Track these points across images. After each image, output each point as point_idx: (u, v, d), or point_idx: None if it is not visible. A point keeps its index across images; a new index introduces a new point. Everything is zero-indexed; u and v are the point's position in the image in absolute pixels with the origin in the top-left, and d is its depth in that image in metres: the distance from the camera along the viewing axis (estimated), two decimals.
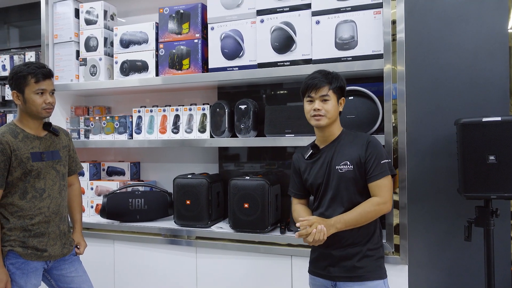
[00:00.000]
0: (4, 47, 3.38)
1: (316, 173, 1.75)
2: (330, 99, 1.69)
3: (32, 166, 1.83)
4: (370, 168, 1.65)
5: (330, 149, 1.74)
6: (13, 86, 1.86)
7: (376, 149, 1.67)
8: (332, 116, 1.70)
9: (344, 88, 1.76)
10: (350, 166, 1.68)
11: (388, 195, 1.66)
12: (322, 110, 1.69)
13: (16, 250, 1.81)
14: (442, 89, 2.30)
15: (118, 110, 3.00)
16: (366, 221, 1.65)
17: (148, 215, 2.53)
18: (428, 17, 2.32)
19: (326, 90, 1.69)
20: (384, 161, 1.66)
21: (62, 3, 2.77)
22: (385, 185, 1.65)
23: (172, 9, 2.48)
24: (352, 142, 1.72)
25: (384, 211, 1.67)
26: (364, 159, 1.67)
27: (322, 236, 1.57)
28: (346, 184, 1.68)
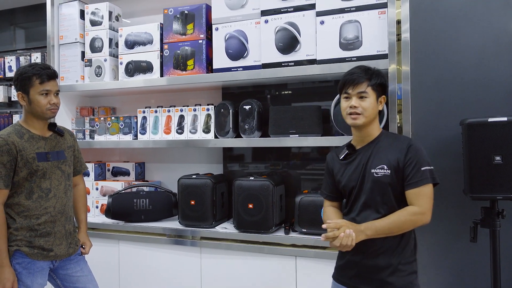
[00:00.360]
0: (10, 48, 3.41)
1: (350, 175, 1.64)
2: (368, 97, 1.58)
3: (38, 166, 1.84)
4: (409, 174, 1.52)
5: (366, 150, 1.62)
6: (18, 87, 1.88)
7: (417, 154, 1.54)
8: (370, 115, 1.59)
9: (385, 86, 1.66)
10: (387, 170, 1.55)
11: (427, 205, 1.52)
12: (359, 107, 1.57)
13: (23, 249, 1.82)
14: (448, 89, 2.28)
15: (123, 111, 3.01)
16: (399, 230, 1.52)
17: (152, 215, 2.53)
18: (433, 17, 2.31)
19: (365, 87, 1.58)
20: (426, 168, 1.52)
21: (68, 5, 2.79)
22: (425, 194, 1.51)
23: (176, 9, 2.49)
24: (392, 145, 1.59)
25: (421, 222, 1.52)
26: (403, 164, 1.54)
27: (350, 241, 1.47)
28: (381, 189, 1.56)
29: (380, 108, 1.64)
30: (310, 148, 2.50)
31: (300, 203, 2.15)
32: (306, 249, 2.10)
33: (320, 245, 2.08)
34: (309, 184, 2.50)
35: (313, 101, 2.48)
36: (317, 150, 2.50)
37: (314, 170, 2.51)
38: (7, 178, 1.79)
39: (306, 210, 2.13)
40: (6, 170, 1.78)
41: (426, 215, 1.52)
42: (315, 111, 2.20)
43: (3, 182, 1.77)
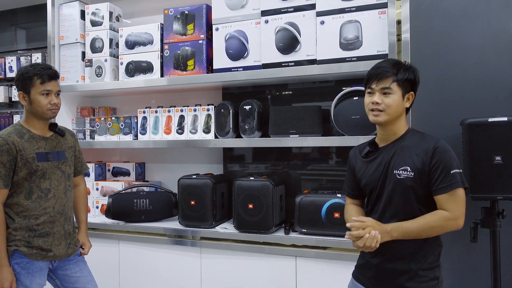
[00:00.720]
0: (11, 48, 3.42)
1: (371, 174, 1.57)
2: (392, 93, 1.49)
3: (38, 166, 1.84)
4: (437, 179, 1.43)
5: (390, 149, 1.54)
6: (20, 87, 1.88)
7: (445, 157, 1.44)
8: (393, 113, 1.50)
9: (414, 81, 1.54)
10: (410, 172, 1.47)
11: (460, 210, 1.43)
12: (381, 104, 1.49)
13: (21, 249, 1.82)
14: (448, 89, 2.28)
15: (123, 111, 3.01)
16: (427, 235, 1.46)
17: (153, 215, 2.54)
18: (433, 17, 2.31)
19: (389, 82, 1.49)
20: (455, 171, 1.43)
21: (68, 5, 2.79)
22: (457, 198, 1.42)
23: (177, 10, 2.49)
24: (417, 145, 1.50)
25: (453, 228, 1.45)
26: (428, 167, 1.45)
27: (375, 243, 1.41)
28: (403, 192, 1.48)
29: (407, 105, 1.54)
30: (310, 148, 2.50)
31: (300, 203, 2.15)
32: (306, 249, 2.10)
33: (320, 246, 2.08)
34: (309, 184, 2.50)
35: (313, 101, 2.48)
36: (317, 150, 2.50)
37: (314, 170, 2.51)
38: (6, 178, 1.79)
39: (306, 210, 2.13)
40: (6, 169, 1.79)
41: (459, 220, 1.44)
42: (315, 111, 2.20)
43: (3, 181, 1.77)
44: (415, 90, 1.56)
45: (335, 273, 2.03)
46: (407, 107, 1.55)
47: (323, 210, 2.08)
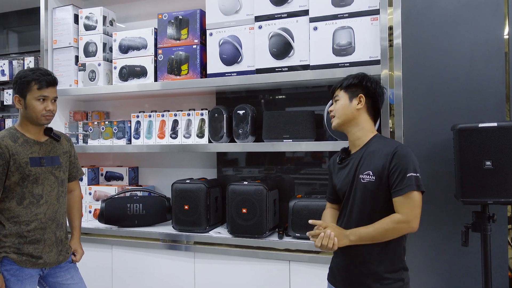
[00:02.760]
0: (3, 52, 3.39)
1: (343, 179, 1.66)
2: (339, 99, 1.68)
3: (30, 171, 1.82)
4: (394, 182, 1.49)
5: (358, 155, 1.62)
6: (16, 90, 1.86)
7: (402, 161, 1.50)
8: (342, 115, 1.65)
9: (359, 85, 1.66)
10: (372, 177, 1.54)
11: (412, 213, 1.48)
12: (333, 110, 1.69)
13: (11, 256, 1.80)
14: (439, 95, 2.31)
15: (117, 115, 3.01)
16: (383, 238, 1.51)
17: (146, 220, 2.53)
18: (425, 23, 2.34)
19: (338, 91, 1.70)
20: (411, 175, 1.48)
21: (62, 9, 2.79)
22: (410, 202, 1.47)
23: (171, 15, 2.50)
24: (379, 149, 1.57)
25: (405, 231, 1.51)
26: (387, 171, 1.51)
27: (331, 243, 1.49)
28: (365, 196, 1.56)
29: (358, 107, 1.64)
30: (303, 152, 2.51)
31: (293, 208, 2.16)
32: (300, 253, 2.11)
33: (314, 250, 2.08)
34: (302, 188, 2.51)
35: (306, 106, 2.50)
36: (310, 155, 2.51)
37: (307, 174, 2.52)
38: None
39: (299, 215, 2.14)
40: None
41: (411, 223, 1.48)
42: (308, 116, 2.22)
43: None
44: (366, 93, 1.66)
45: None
46: (358, 109, 1.64)
47: (316, 215, 2.09)
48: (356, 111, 1.64)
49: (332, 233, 1.51)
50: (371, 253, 1.55)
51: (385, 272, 1.54)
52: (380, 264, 1.54)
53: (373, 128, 1.68)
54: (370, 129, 1.67)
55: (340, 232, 1.54)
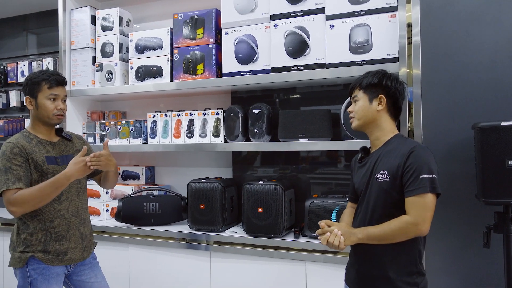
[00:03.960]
0: (23, 53, 3.46)
1: (361, 179, 1.63)
2: (358, 99, 1.62)
3: (48, 169, 1.85)
4: (407, 182, 1.45)
5: (376, 155, 1.59)
6: (27, 91, 1.90)
7: (417, 161, 1.45)
8: (362, 117, 1.60)
9: (379, 85, 1.59)
10: (387, 176, 1.50)
11: (421, 215, 1.42)
12: (352, 112, 1.65)
13: (38, 255, 1.83)
14: (459, 92, 2.26)
15: (133, 115, 3.03)
16: (392, 239, 1.47)
17: (162, 219, 2.54)
18: (444, 20, 2.29)
19: (357, 91, 1.64)
20: (425, 176, 1.42)
21: (79, 10, 2.83)
22: (420, 204, 1.42)
23: (186, 14, 2.51)
24: (396, 149, 1.53)
25: (413, 233, 1.45)
26: (402, 170, 1.47)
27: (337, 241, 1.48)
28: (379, 196, 1.53)
29: (379, 108, 1.59)
30: (319, 152, 2.49)
31: (310, 208, 2.14)
32: (316, 253, 2.09)
33: (330, 250, 2.05)
34: (318, 188, 2.49)
35: (322, 104, 2.48)
36: (326, 154, 2.49)
37: (323, 174, 2.50)
38: (26, 178, 1.79)
39: (316, 215, 2.12)
40: (23, 170, 1.79)
41: (420, 226, 1.42)
42: (325, 115, 2.19)
43: (23, 181, 1.77)
44: (387, 93, 1.59)
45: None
46: (379, 110, 1.59)
47: (333, 215, 2.07)
48: (377, 113, 1.59)
49: (339, 232, 1.50)
50: (382, 255, 1.52)
51: (397, 276, 1.49)
52: (392, 267, 1.50)
53: (393, 127, 1.63)
54: (391, 129, 1.62)
55: (347, 231, 1.52)
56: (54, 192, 1.76)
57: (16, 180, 1.75)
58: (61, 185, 1.75)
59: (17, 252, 1.85)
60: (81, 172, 1.77)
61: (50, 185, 1.74)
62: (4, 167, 1.77)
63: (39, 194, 1.73)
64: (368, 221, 1.56)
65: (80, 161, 1.76)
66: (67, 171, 1.75)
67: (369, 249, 1.54)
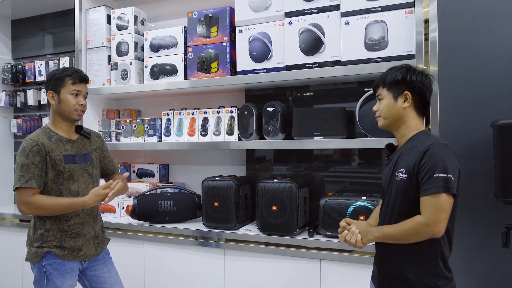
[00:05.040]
0: (39, 53, 3.51)
1: (385, 176, 1.62)
2: (383, 97, 1.58)
3: (65, 168, 1.88)
4: (421, 181, 1.41)
5: (399, 152, 1.57)
6: (50, 86, 1.94)
7: (433, 159, 1.40)
8: (388, 115, 1.56)
9: (403, 81, 1.54)
10: (404, 175, 1.47)
11: (434, 216, 1.38)
12: (378, 110, 1.62)
13: (53, 251, 1.87)
14: (478, 90, 2.22)
15: (148, 113, 3.06)
16: (405, 239, 1.44)
17: (177, 216, 2.56)
18: (462, 16, 2.25)
19: (381, 89, 1.60)
20: (438, 175, 1.38)
21: (95, 10, 2.86)
22: (433, 204, 1.38)
23: (200, 13, 2.51)
24: (417, 146, 1.49)
25: (425, 234, 1.40)
26: (417, 169, 1.44)
27: (354, 238, 1.50)
28: (398, 194, 1.51)
29: (405, 105, 1.54)
30: (332, 150, 2.47)
31: (324, 206, 2.13)
32: (331, 252, 2.08)
33: (345, 249, 2.05)
34: (333, 186, 2.48)
35: (335, 102, 2.46)
36: (339, 152, 2.47)
37: (337, 172, 2.48)
38: (39, 178, 1.83)
39: (331, 213, 2.11)
40: (38, 170, 1.83)
41: (432, 227, 1.38)
42: (339, 113, 2.18)
43: (36, 181, 1.81)
44: (412, 88, 1.54)
45: (360, 276, 1.99)
46: (404, 107, 1.54)
47: (348, 213, 2.06)
48: (403, 110, 1.55)
49: (356, 230, 1.52)
50: (398, 254, 1.50)
51: (414, 277, 1.46)
52: (408, 267, 1.48)
53: (419, 124, 1.58)
54: (416, 126, 1.56)
55: (365, 229, 1.53)
56: (67, 211, 1.86)
57: (30, 179, 1.79)
58: (75, 209, 1.87)
59: (33, 247, 1.89)
60: (98, 202, 1.88)
61: (65, 205, 1.83)
62: (21, 163, 1.81)
63: (54, 208, 1.82)
64: (388, 220, 1.55)
65: (102, 195, 1.84)
66: (86, 200, 1.83)
67: (387, 248, 1.54)
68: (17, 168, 1.82)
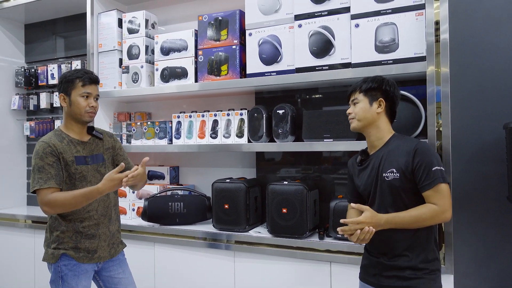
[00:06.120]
0: (52, 56, 3.56)
1: (365, 180, 1.72)
2: (359, 102, 1.71)
3: (76, 169, 1.90)
4: (421, 177, 1.56)
5: (378, 155, 1.68)
6: (61, 89, 1.96)
7: (425, 156, 1.57)
8: (363, 118, 1.69)
9: (378, 89, 1.69)
10: (396, 174, 1.60)
11: (446, 203, 1.55)
12: (352, 113, 1.73)
13: (69, 253, 1.89)
14: (489, 91, 2.20)
15: (158, 116, 3.08)
16: (418, 226, 1.57)
17: (187, 218, 2.58)
18: (474, 17, 2.23)
19: (357, 94, 1.72)
20: (436, 168, 1.55)
21: (106, 14, 2.89)
22: (442, 193, 1.55)
23: (211, 16, 2.53)
24: (399, 147, 1.64)
25: (441, 220, 1.58)
26: (411, 167, 1.58)
27: (368, 236, 1.53)
28: (392, 192, 1.62)
29: (379, 111, 1.68)
30: (341, 152, 2.47)
31: (335, 208, 2.13)
32: (341, 255, 2.07)
33: (355, 251, 2.04)
34: (342, 188, 2.47)
35: (344, 104, 2.43)
36: (348, 154, 2.46)
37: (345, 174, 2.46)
38: (57, 177, 1.85)
39: (341, 216, 2.09)
40: (55, 169, 1.85)
41: (447, 213, 1.56)
42: None
43: (54, 180, 1.83)
44: (386, 96, 1.69)
45: None
46: (378, 112, 1.68)
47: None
48: (376, 115, 1.69)
49: (371, 228, 1.53)
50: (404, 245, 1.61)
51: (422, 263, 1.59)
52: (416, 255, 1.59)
53: (390, 128, 1.73)
54: (389, 130, 1.72)
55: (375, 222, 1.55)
56: (85, 202, 1.82)
57: (48, 179, 1.81)
58: (93, 197, 1.81)
59: (50, 249, 1.92)
60: (115, 188, 1.81)
61: (82, 195, 1.80)
62: (37, 166, 1.84)
63: (72, 202, 1.80)
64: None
65: (116, 179, 1.78)
66: (100, 187, 1.78)
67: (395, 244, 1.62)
68: (33, 171, 1.85)
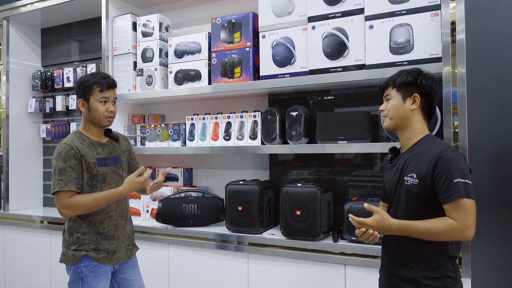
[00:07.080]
0: (67, 60, 3.62)
1: (390, 179, 1.63)
2: (391, 98, 1.60)
3: (98, 171, 1.93)
4: (441, 189, 1.42)
5: (406, 155, 1.57)
6: (80, 94, 1.98)
7: (447, 166, 1.42)
8: (395, 115, 1.57)
9: (413, 83, 1.56)
10: (415, 179, 1.48)
11: (468, 220, 1.39)
12: (384, 110, 1.62)
13: (90, 254, 1.92)
14: (507, 92, 2.16)
15: (172, 118, 3.11)
16: (432, 239, 1.45)
17: (200, 220, 2.59)
18: (491, 16, 2.20)
19: (390, 89, 1.61)
20: (458, 181, 1.39)
21: (121, 17, 2.93)
22: (463, 208, 1.39)
23: (224, 19, 2.54)
24: (426, 151, 1.50)
25: (461, 238, 1.43)
26: (432, 176, 1.45)
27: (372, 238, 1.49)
28: (408, 198, 1.52)
29: (413, 107, 1.56)
30: (353, 154, 2.46)
31: (349, 211, 2.11)
32: (356, 257, 2.06)
33: (370, 254, 2.03)
34: (356, 191, 2.45)
35: (356, 106, 2.44)
36: (361, 156, 2.45)
37: (359, 176, 2.46)
38: (77, 181, 1.88)
39: None
40: (76, 173, 1.87)
41: (466, 231, 1.39)
42: (364, 117, 2.16)
43: (74, 184, 1.86)
44: (421, 91, 1.57)
45: None
46: (412, 109, 1.56)
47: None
48: (410, 112, 1.57)
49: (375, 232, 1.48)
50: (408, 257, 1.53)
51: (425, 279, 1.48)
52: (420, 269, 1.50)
53: (425, 128, 1.61)
54: (422, 129, 1.59)
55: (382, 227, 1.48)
56: (105, 204, 1.89)
57: (68, 182, 1.84)
58: (113, 200, 1.90)
59: (70, 250, 1.93)
60: (134, 191, 1.91)
61: (103, 198, 1.86)
62: (58, 168, 1.86)
63: (93, 204, 1.86)
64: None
65: (137, 182, 1.88)
66: (121, 190, 1.87)
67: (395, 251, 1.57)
68: (54, 173, 1.87)
